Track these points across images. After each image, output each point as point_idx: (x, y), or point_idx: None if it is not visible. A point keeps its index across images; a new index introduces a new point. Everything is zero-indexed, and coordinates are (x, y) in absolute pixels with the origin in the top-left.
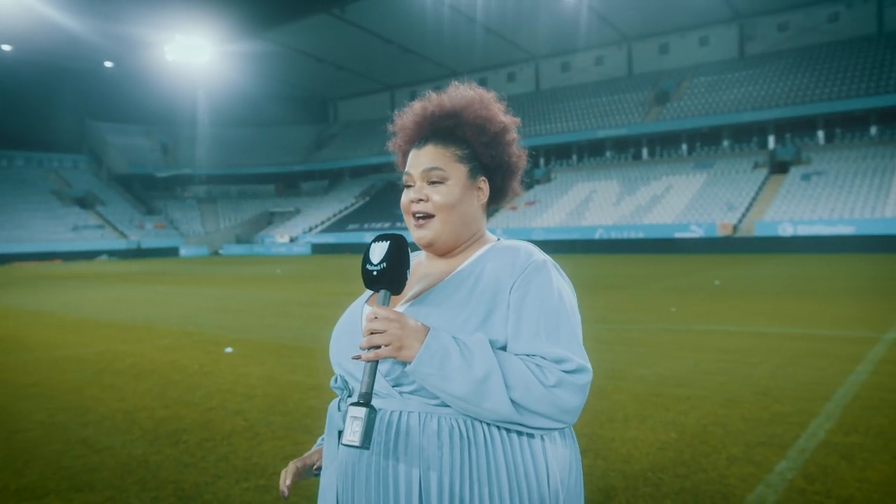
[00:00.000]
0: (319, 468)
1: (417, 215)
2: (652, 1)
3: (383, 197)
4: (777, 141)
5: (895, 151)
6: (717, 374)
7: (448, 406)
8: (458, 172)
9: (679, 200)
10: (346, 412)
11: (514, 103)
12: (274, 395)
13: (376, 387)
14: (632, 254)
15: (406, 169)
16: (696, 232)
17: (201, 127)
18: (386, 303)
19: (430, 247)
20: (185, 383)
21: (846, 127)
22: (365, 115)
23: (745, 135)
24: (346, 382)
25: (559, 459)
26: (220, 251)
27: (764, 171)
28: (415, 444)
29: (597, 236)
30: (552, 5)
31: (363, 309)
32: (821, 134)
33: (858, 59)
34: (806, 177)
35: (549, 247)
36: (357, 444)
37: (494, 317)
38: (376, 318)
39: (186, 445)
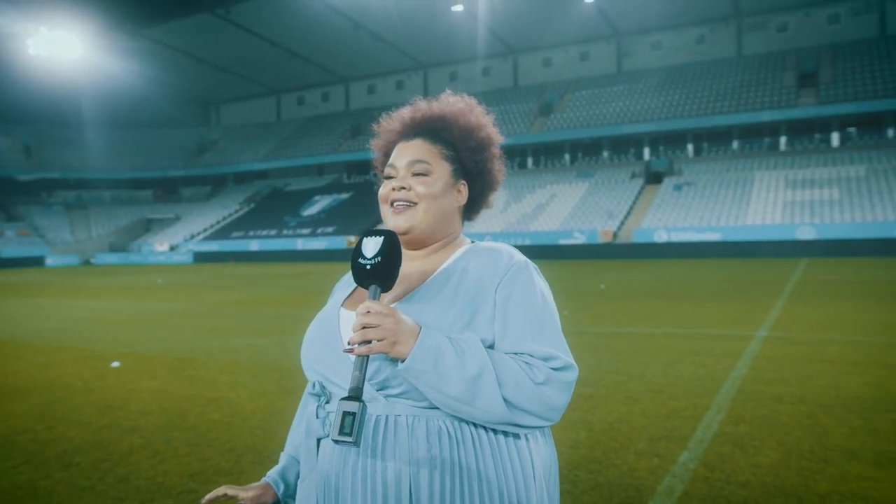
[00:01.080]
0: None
1: (397, 203)
2: (536, 16)
3: (269, 203)
4: (652, 153)
5: (754, 164)
6: (616, 374)
7: (436, 408)
8: (442, 169)
9: (563, 208)
10: (326, 416)
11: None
12: (172, 410)
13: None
14: None
15: (390, 161)
16: (579, 238)
17: (71, 128)
18: (377, 298)
19: (405, 235)
20: (70, 401)
21: (712, 141)
22: (249, 120)
23: (623, 146)
24: (324, 388)
25: (542, 458)
26: (93, 260)
27: (640, 181)
28: (403, 446)
29: None
30: (441, 15)
31: (339, 312)
32: (690, 147)
33: (722, 78)
34: (678, 187)
35: None
36: (351, 439)
37: (480, 316)
38: (369, 312)
39: (80, 468)
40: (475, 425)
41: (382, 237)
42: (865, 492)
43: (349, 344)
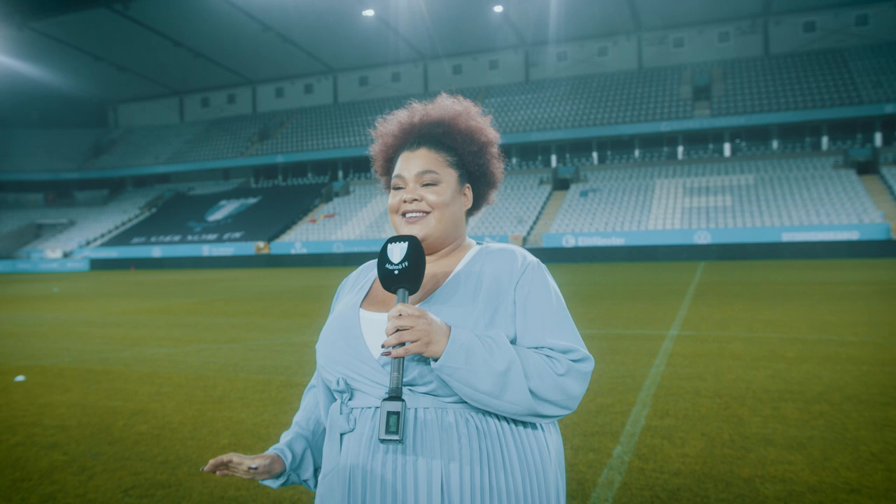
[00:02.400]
0: (272, 475)
1: (410, 214)
2: (446, 23)
3: (173, 208)
4: (559, 160)
5: (654, 172)
6: None
7: (460, 403)
8: (449, 177)
9: (475, 214)
10: (350, 412)
11: (312, 115)
12: (93, 424)
13: (389, 388)
14: None
15: (397, 172)
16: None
17: None
18: (405, 301)
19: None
20: None
21: (615, 149)
22: (150, 121)
23: (531, 153)
24: (348, 384)
25: (555, 446)
26: None
27: (548, 188)
28: (433, 438)
29: None
30: (352, 20)
31: (358, 313)
32: (595, 155)
33: (624, 89)
34: (584, 193)
35: (350, 259)
36: (398, 437)
37: (501, 314)
38: (401, 315)
39: None
40: (498, 418)
41: (407, 242)
42: (783, 474)
43: (383, 347)
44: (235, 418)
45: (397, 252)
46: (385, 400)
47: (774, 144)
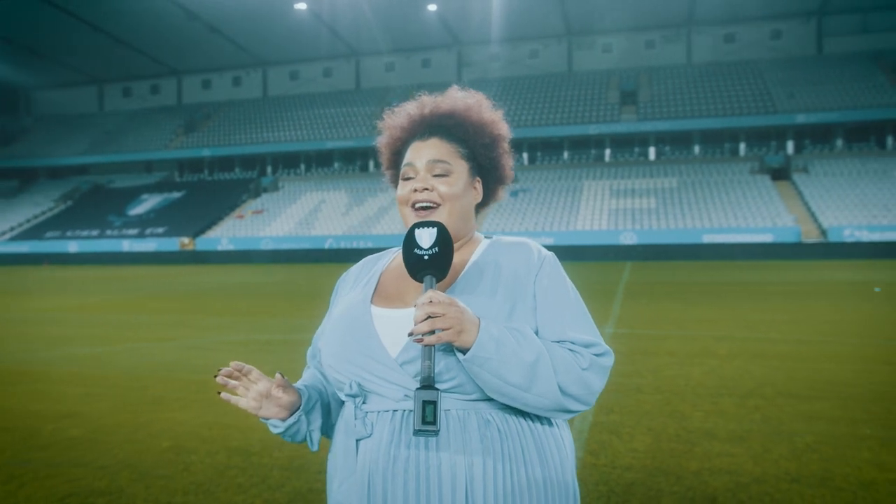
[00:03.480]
0: (284, 406)
1: (420, 205)
2: (379, 20)
3: (91, 201)
4: None
5: (582, 174)
6: None
7: (483, 401)
8: (461, 168)
9: None
10: (365, 416)
11: (241, 109)
12: (20, 429)
13: (406, 389)
14: None
15: (407, 160)
16: None
17: None
18: (433, 288)
19: None
20: None
21: (545, 150)
22: (67, 109)
23: None
24: (361, 387)
25: (569, 441)
26: None
27: None
28: (457, 439)
29: (327, 246)
30: (283, 12)
31: (370, 309)
32: (525, 155)
33: (555, 92)
34: (514, 193)
35: (279, 256)
36: (435, 427)
37: (520, 307)
38: (432, 301)
39: None
40: (518, 416)
41: (436, 228)
42: (727, 466)
43: (411, 335)
44: (176, 420)
45: (426, 237)
46: (418, 389)
47: (696, 149)
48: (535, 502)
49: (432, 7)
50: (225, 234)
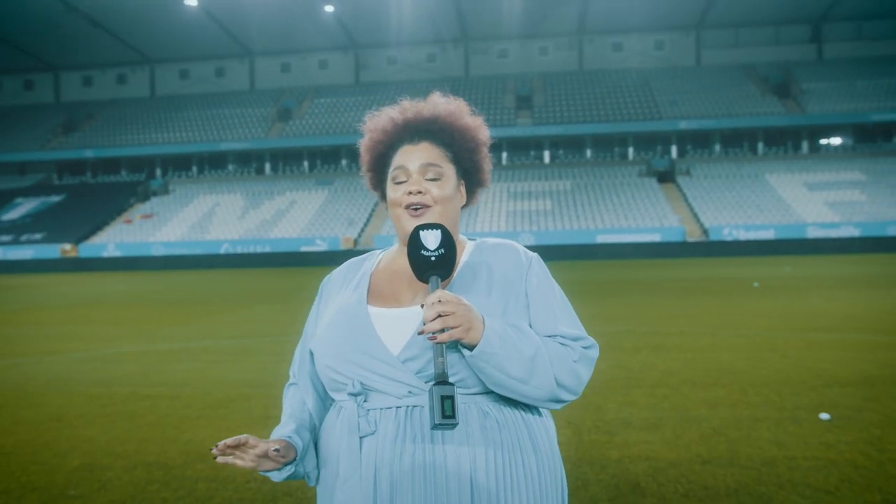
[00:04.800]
0: (285, 463)
1: (414, 207)
2: (274, 19)
3: None
4: None
5: (512, 175)
6: None
7: (481, 394)
8: (450, 171)
9: (303, 215)
10: (366, 413)
11: (127, 108)
12: None
13: (410, 386)
14: (260, 268)
15: (399, 164)
16: (321, 246)
17: None
18: (439, 288)
19: None
20: None
21: None
22: None
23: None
24: (362, 385)
25: (554, 432)
26: None
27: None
28: (461, 431)
29: (222, 251)
30: (172, 8)
31: (367, 309)
32: None
33: (453, 95)
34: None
35: (172, 262)
36: (455, 421)
37: (512, 306)
38: (440, 301)
39: None
40: (512, 407)
41: (439, 230)
42: (645, 453)
43: (420, 333)
44: (82, 437)
45: (432, 239)
46: (435, 385)
47: (588, 153)
48: (530, 488)
49: (329, 8)
50: (111, 240)
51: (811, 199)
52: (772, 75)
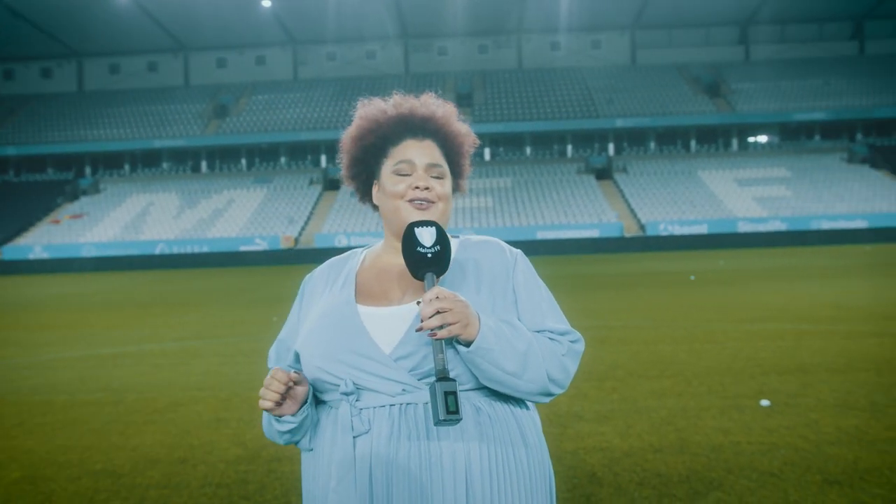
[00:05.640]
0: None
1: (420, 201)
2: (209, 13)
3: None
4: (329, 160)
5: None
6: None
7: (473, 390)
8: (448, 172)
9: (242, 214)
10: (359, 413)
11: (53, 103)
12: None
13: (403, 384)
14: (197, 268)
15: (405, 158)
16: (260, 245)
17: None
18: (434, 284)
19: None
20: None
21: None
22: None
23: (300, 153)
24: (355, 384)
25: (540, 426)
26: None
27: (319, 188)
28: (455, 428)
29: (157, 251)
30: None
31: (356, 308)
32: None
33: (392, 93)
34: (353, 193)
35: (104, 264)
36: (459, 416)
37: (501, 301)
38: (438, 298)
39: None
40: (502, 402)
41: (434, 227)
42: (599, 444)
43: (419, 330)
44: (21, 448)
45: (428, 236)
46: (437, 381)
47: (528, 151)
48: (521, 481)
49: (266, 3)
50: (38, 242)
51: (741, 195)
52: (703, 75)
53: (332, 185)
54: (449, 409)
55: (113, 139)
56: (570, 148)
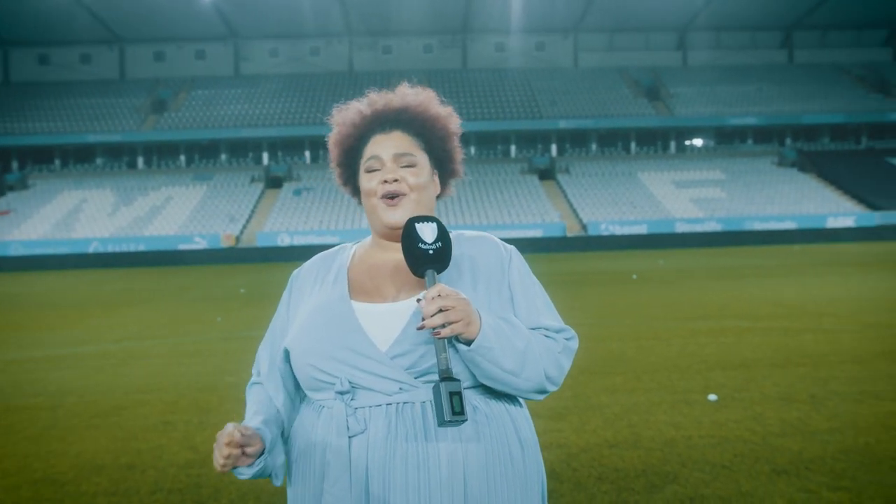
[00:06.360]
0: (251, 455)
1: (390, 195)
2: (146, 4)
3: None
4: (271, 158)
5: None
6: None
7: (470, 388)
8: (423, 160)
9: (181, 212)
10: (354, 412)
11: None
12: None
13: (400, 382)
14: (134, 267)
15: (372, 154)
16: (200, 243)
17: None
18: (435, 282)
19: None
20: None
21: (327, 149)
22: None
23: (242, 150)
24: (351, 383)
25: (531, 423)
26: None
27: (260, 186)
28: (453, 429)
29: (91, 250)
30: None
31: (351, 305)
32: (308, 154)
33: (336, 90)
34: (297, 192)
35: (33, 263)
36: (465, 416)
37: (497, 298)
38: (440, 295)
39: None
40: (497, 400)
41: (435, 223)
42: (556, 440)
43: (420, 328)
44: None
45: (429, 232)
46: (442, 381)
47: (472, 150)
48: (516, 480)
49: None
50: None
51: (678, 197)
52: (643, 79)
53: (274, 182)
54: (454, 409)
55: (42, 132)
56: (513, 148)
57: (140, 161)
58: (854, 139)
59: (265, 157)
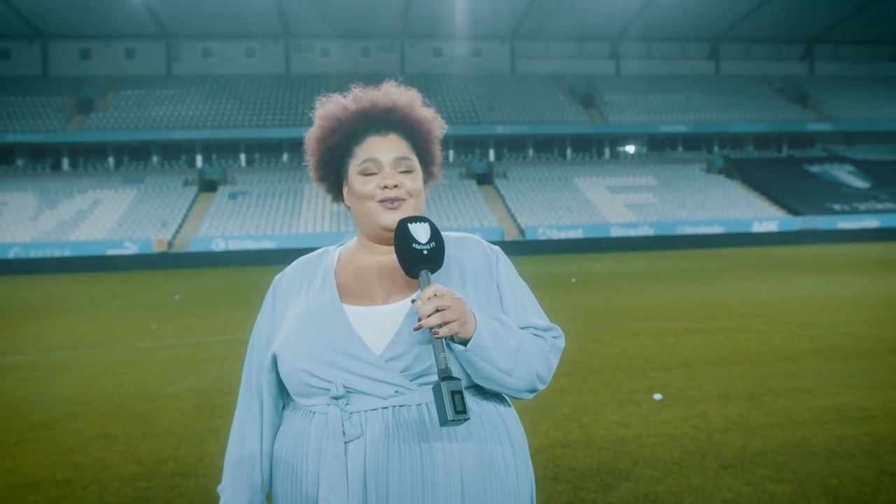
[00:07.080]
0: None
1: (390, 200)
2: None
3: None
4: (205, 160)
5: (303, 176)
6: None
7: (465, 388)
8: (417, 165)
9: (109, 216)
10: (349, 417)
11: None
12: None
13: (396, 385)
14: (59, 273)
15: (370, 156)
16: (130, 248)
17: None
18: (429, 282)
19: None
20: None
21: (263, 152)
22: None
23: (174, 152)
24: (345, 388)
25: (519, 421)
26: None
27: (194, 189)
28: (449, 430)
29: (12, 255)
30: None
31: (343, 308)
32: (243, 157)
33: (272, 93)
34: (233, 196)
35: None
36: (467, 416)
37: (486, 299)
38: (436, 295)
39: None
40: (488, 400)
41: (427, 223)
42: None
43: (417, 329)
44: None
45: (422, 232)
46: (442, 381)
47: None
48: (508, 479)
49: None
50: None
51: (613, 202)
52: (578, 86)
53: (208, 186)
54: (457, 408)
55: None
56: (451, 153)
57: (65, 163)
58: (776, 148)
59: (199, 159)
